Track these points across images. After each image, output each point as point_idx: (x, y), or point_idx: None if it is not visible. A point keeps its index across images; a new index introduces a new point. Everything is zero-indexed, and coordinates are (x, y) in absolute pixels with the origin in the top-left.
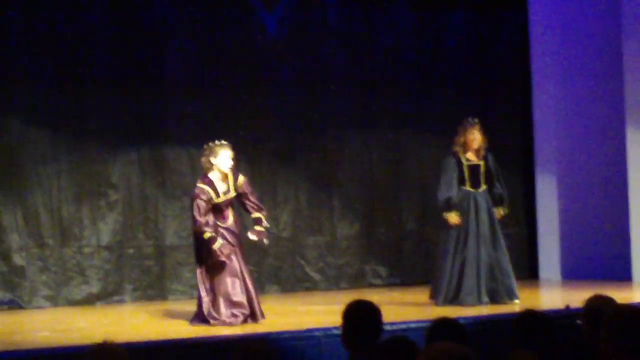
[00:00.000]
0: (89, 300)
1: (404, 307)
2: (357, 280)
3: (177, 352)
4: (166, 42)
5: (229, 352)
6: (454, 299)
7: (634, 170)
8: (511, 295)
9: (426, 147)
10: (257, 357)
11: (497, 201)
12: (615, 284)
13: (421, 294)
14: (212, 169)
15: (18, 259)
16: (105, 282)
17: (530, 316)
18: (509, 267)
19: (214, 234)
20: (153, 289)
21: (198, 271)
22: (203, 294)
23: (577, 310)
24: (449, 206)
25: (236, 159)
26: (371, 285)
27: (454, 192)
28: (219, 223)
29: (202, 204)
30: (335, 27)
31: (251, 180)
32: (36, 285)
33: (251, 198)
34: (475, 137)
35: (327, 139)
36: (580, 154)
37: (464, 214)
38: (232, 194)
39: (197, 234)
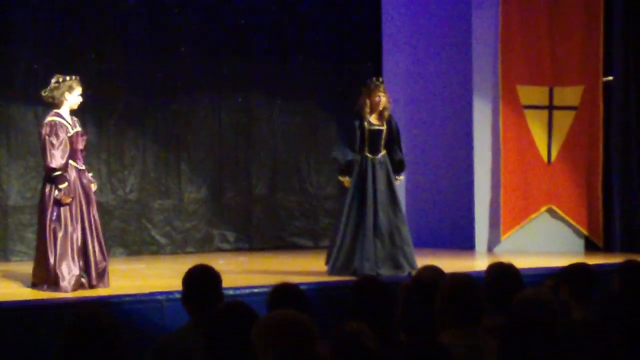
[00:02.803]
0: None
1: (250, 273)
2: (205, 245)
3: (16, 314)
4: None
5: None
6: (345, 267)
7: (478, 142)
8: (412, 264)
9: (276, 112)
10: (89, 321)
11: (396, 167)
12: (459, 252)
13: (269, 259)
14: (62, 105)
15: None
16: None
17: (367, 284)
18: (408, 235)
19: (65, 174)
20: None
21: (45, 227)
22: (49, 255)
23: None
24: (347, 170)
25: (83, 120)
26: (219, 250)
27: (354, 156)
28: (74, 164)
29: (55, 139)
30: None
31: (98, 141)
32: None
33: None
34: (381, 99)
35: (176, 102)
36: (427, 123)
37: (362, 180)
38: (79, 128)
39: (49, 172)
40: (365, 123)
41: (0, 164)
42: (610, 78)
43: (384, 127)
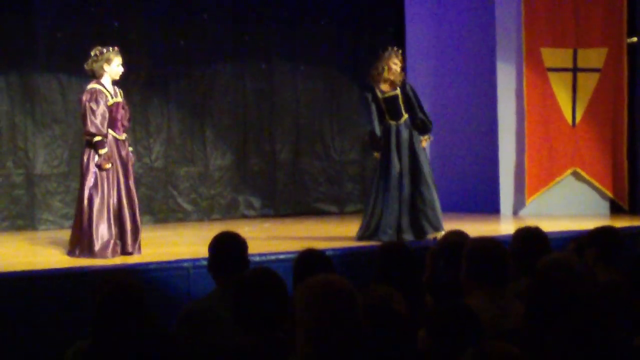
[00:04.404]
0: None
1: (275, 239)
2: (230, 211)
3: (44, 282)
4: None
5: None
6: (372, 235)
7: (503, 106)
8: (436, 227)
9: (299, 78)
10: (119, 289)
11: (420, 129)
12: (484, 216)
13: (294, 226)
14: (102, 76)
15: None
16: None
17: (393, 249)
18: (434, 198)
19: (105, 140)
20: (22, 218)
21: (83, 192)
22: (84, 219)
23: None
24: (372, 141)
25: None
26: (244, 217)
27: (374, 127)
28: (112, 133)
29: (94, 106)
30: None
31: None
32: None
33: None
34: (398, 66)
35: (200, 69)
36: (451, 87)
37: (387, 148)
38: (120, 99)
39: (89, 138)
40: (378, 92)
41: (26, 134)
42: (635, 39)
43: (398, 92)
